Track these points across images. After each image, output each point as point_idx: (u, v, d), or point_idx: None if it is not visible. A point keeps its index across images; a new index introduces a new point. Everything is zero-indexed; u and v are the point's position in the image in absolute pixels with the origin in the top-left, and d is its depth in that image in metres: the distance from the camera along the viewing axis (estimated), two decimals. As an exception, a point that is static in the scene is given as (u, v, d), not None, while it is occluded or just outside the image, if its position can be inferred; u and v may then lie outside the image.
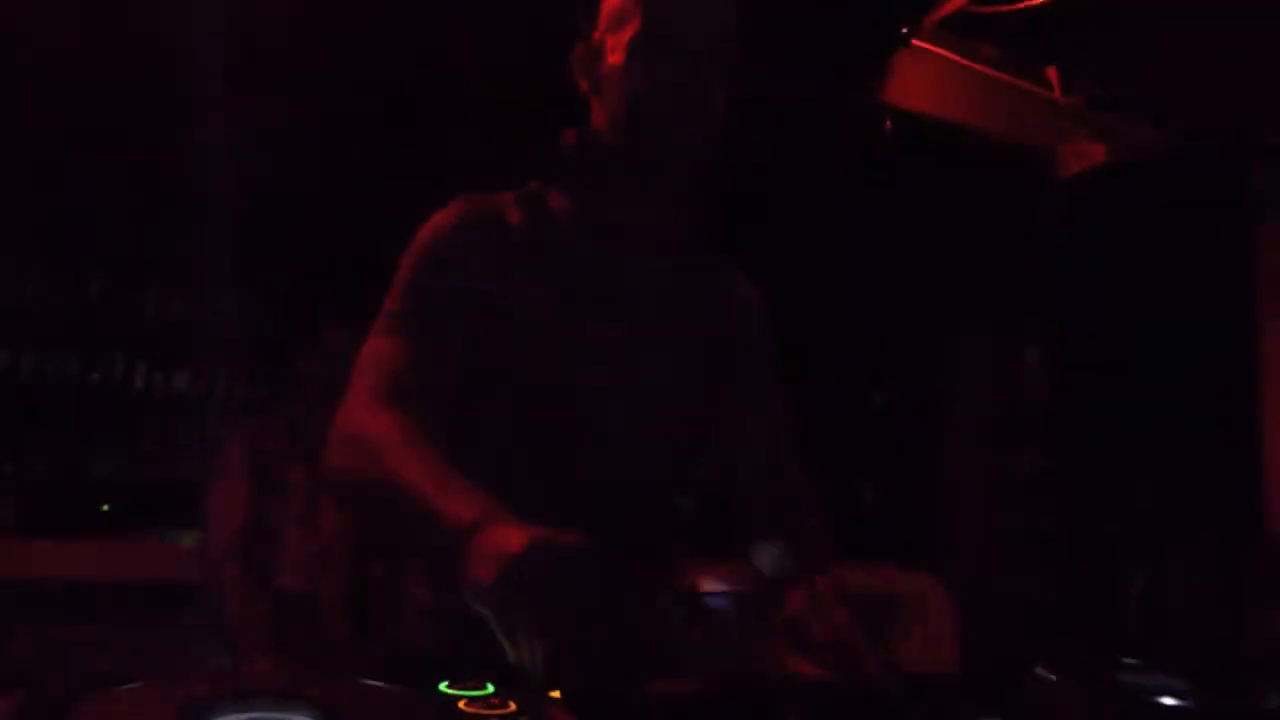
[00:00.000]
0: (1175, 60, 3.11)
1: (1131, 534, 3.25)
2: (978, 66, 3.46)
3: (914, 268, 3.72)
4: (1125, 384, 3.24)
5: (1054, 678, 1.04)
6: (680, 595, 1.35)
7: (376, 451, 1.13)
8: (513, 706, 0.77)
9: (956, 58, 3.41)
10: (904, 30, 3.25)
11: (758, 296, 1.48)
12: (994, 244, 3.52)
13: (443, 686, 0.83)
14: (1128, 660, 1.14)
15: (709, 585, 3.26)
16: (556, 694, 0.86)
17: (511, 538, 0.98)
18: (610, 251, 1.32)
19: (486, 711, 0.77)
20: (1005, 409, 4.71)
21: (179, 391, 3.88)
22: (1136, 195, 3.21)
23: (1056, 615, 3.55)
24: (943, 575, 3.55)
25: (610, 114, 1.31)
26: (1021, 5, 3.08)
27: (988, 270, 3.58)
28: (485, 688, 0.83)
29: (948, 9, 3.22)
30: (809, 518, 1.36)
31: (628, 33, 1.29)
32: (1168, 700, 0.96)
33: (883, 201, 3.52)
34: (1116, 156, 3.32)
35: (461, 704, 0.78)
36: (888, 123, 2.98)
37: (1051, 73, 3.62)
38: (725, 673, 0.97)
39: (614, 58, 1.30)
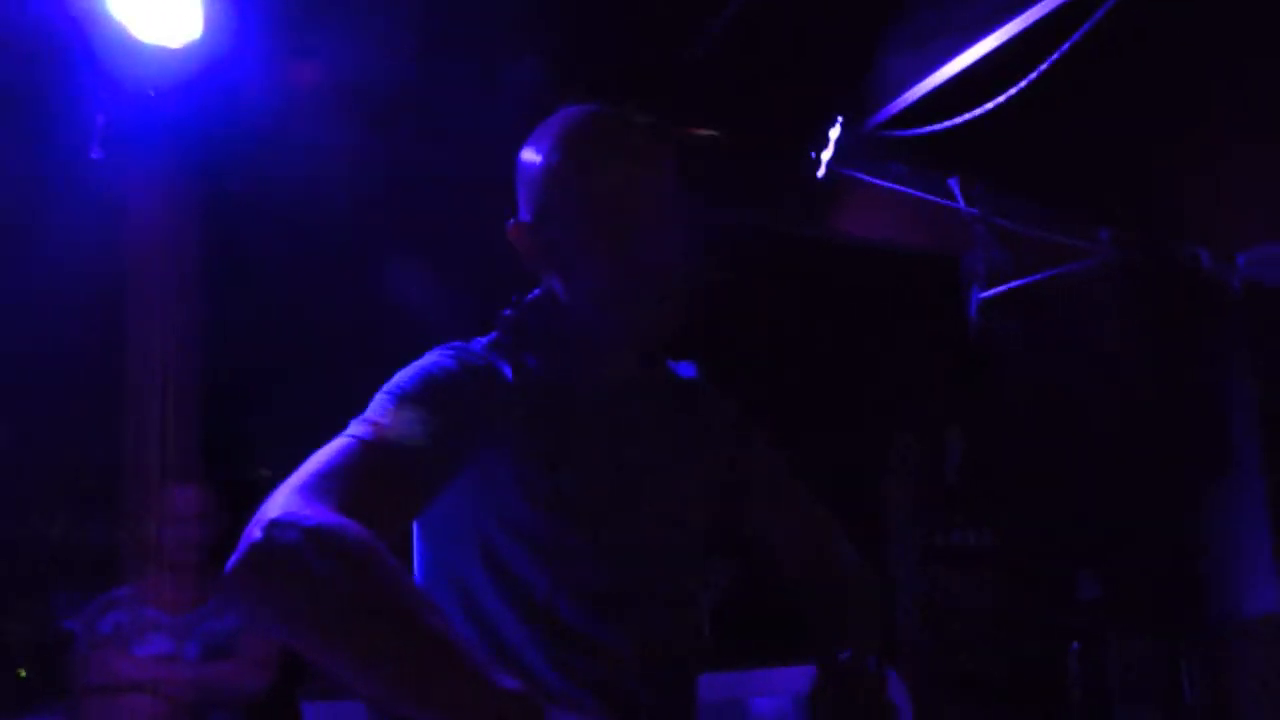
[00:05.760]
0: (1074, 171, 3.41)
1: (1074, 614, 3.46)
2: (890, 185, 3.74)
3: (853, 371, 3.97)
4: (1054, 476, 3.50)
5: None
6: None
7: (370, 575, 0.98)
8: None
9: (869, 179, 3.69)
10: (815, 157, 3.49)
11: (736, 409, 1.50)
12: (928, 347, 3.77)
13: None
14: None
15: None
16: None
17: None
18: (614, 411, 1.35)
19: None
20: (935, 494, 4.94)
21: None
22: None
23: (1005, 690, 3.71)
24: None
25: (583, 291, 1.32)
26: (927, 131, 3.35)
27: (920, 372, 3.85)
28: None
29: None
30: (861, 605, 1.45)
31: (578, 220, 1.29)
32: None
33: (824, 317, 3.76)
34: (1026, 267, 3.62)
35: None
36: None
37: (954, 185, 3.92)
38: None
39: (569, 239, 1.30)
